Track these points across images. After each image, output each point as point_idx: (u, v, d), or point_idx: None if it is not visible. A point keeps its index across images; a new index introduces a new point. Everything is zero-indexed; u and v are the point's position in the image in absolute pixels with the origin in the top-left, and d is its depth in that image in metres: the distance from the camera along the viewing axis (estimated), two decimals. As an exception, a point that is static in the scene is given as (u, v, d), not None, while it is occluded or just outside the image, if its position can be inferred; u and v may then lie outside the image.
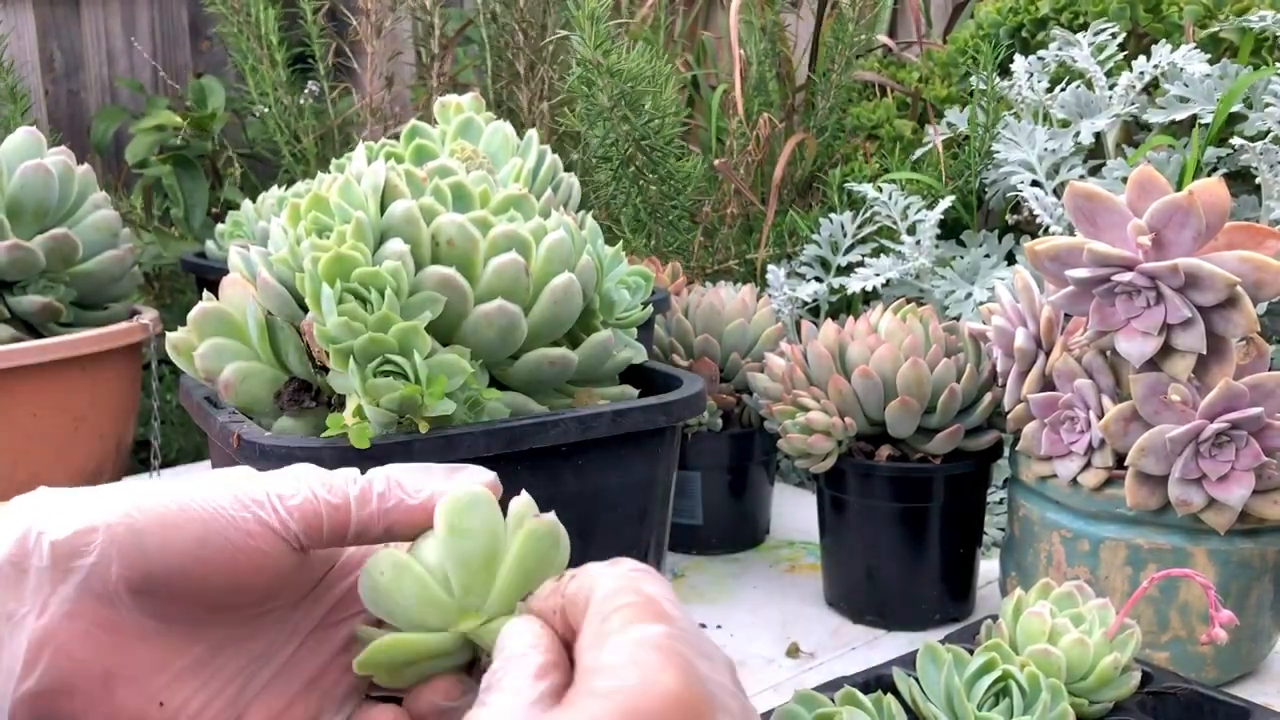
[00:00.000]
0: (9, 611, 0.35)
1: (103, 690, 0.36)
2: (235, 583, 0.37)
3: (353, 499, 0.38)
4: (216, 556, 0.36)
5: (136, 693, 0.37)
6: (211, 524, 0.36)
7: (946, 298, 1.12)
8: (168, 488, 0.37)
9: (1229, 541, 0.76)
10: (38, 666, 0.35)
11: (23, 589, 0.35)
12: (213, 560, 0.36)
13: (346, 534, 0.38)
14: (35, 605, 0.35)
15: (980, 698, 0.59)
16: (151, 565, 0.36)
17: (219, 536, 0.36)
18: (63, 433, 0.99)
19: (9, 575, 0.35)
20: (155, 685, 0.37)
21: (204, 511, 0.36)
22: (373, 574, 0.37)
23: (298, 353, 0.64)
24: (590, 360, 0.67)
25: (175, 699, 0.37)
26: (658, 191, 1.21)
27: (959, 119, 1.26)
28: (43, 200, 0.98)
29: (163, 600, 0.37)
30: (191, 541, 0.36)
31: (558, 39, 1.48)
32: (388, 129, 1.60)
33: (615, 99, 1.11)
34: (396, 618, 0.37)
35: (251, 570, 0.37)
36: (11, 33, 1.80)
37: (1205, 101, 1.03)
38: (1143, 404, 0.75)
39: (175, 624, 0.37)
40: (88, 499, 0.37)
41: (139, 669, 0.37)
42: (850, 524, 0.92)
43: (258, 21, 1.51)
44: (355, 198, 0.63)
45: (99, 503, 0.36)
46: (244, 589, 0.38)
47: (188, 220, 1.64)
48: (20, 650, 0.35)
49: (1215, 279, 0.70)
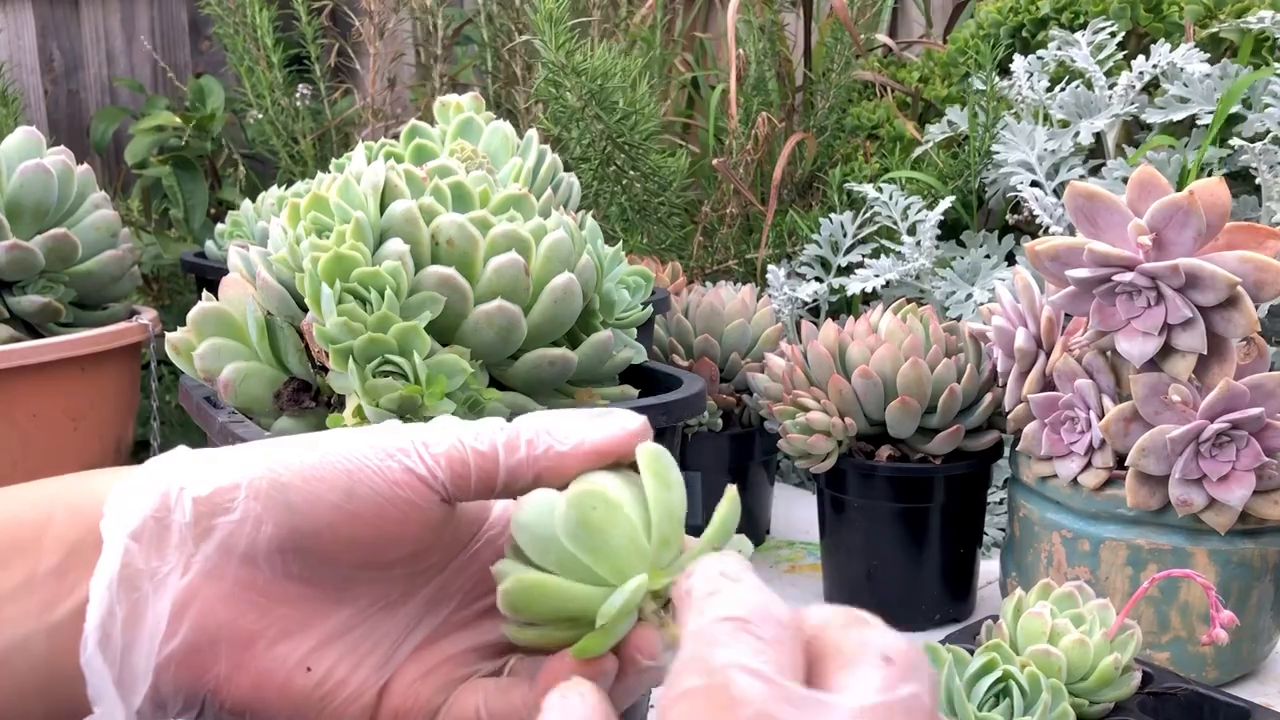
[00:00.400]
0: (152, 569, 0.34)
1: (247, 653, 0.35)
2: (382, 535, 0.35)
3: (500, 446, 0.36)
4: (363, 508, 0.35)
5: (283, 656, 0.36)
6: (357, 474, 0.35)
7: (946, 298, 1.12)
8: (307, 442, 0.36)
9: (1229, 542, 0.76)
10: (182, 626, 0.34)
11: (165, 546, 0.34)
12: (360, 512, 0.35)
13: (495, 483, 0.36)
14: (179, 563, 0.34)
15: (981, 698, 0.59)
16: (297, 520, 0.35)
17: (365, 487, 0.35)
18: (62, 433, 0.99)
19: (152, 531, 0.34)
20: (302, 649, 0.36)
21: (348, 462, 0.35)
22: (582, 508, 0.33)
23: (297, 353, 0.64)
24: (590, 360, 0.67)
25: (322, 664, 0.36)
26: (642, 189, 1.20)
27: (959, 118, 1.26)
28: (42, 200, 0.98)
29: (309, 558, 0.35)
30: (338, 493, 0.35)
31: (522, 41, 1.47)
32: (388, 129, 1.60)
33: (584, 99, 1.11)
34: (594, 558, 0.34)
35: (399, 521, 0.35)
36: (11, 33, 1.80)
37: (1205, 102, 1.03)
38: (1143, 404, 0.75)
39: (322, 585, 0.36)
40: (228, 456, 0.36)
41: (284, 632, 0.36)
42: (850, 524, 0.92)
43: (253, 23, 1.51)
44: (355, 198, 0.63)
45: (239, 460, 0.35)
46: (392, 542, 0.36)
47: (187, 220, 1.64)
48: (164, 610, 0.34)
49: (1216, 279, 0.70)
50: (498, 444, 0.36)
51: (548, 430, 0.36)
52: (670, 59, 1.53)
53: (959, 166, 1.23)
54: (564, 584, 0.34)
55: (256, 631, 0.35)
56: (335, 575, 0.36)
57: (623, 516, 0.34)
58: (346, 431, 0.37)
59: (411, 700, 0.37)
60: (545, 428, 0.36)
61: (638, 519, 0.34)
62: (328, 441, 0.36)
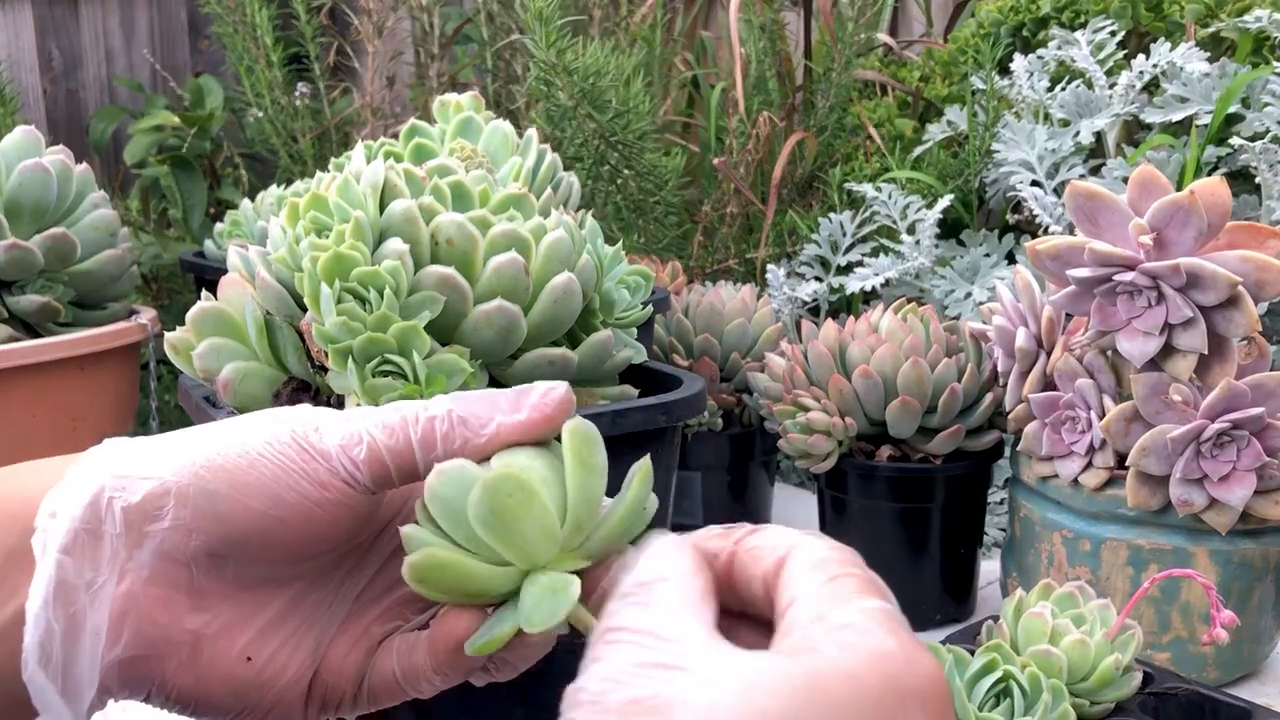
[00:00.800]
0: (88, 580, 0.35)
1: (190, 652, 0.36)
2: (311, 535, 0.36)
3: (416, 443, 0.36)
4: (291, 515, 0.36)
5: (223, 651, 0.37)
6: (283, 479, 0.35)
7: (946, 297, 1.12)
8: (233, 436, 0.36)
9: (1230, 542, 0.76)
10: (123, 634, 0.35)
11: (99, 557, 0.35)
12: (287, 519, 0.36)
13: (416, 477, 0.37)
14: (113, 573, 0.35)
15: (981, 698, 0.59)
16: (226, 528, 0.35)
17: (292, 492, 0.35)
18: (61, 432, 0.99)
19: (85, 543, 0.35)
20: (241, 641, 0.37)
21: (276, 467, 0.35)
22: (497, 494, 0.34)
23: (296, 352, 0.64)
24: (590, 360, 0.67)
25: (262, 653, 0.37)
26: (637, 188, 1.20)
27: (959, 118, 1.26)
28: (41, 200, 0.97)
29: (241, 560, 0.36)
30: (265, 500, 0.35)
31: (515, 40, 1.47)
32: (388, 128, 1.60)
33: (576, 98, 1.11)
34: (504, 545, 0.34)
35: (327, 522, 0.36)
36: (10, 32, 1.80)
37: (1204, 101, 1.03)
38: (1144, 404, 0.75)
39: (256, 581, 0.37)
40: (155, 453, 0.36)
41: (223, 627, 0.37)
42: (851, 524, 0.92)
43: (253, 22, 1.51)
44: (354, 197, 0.62)
45: (167, 458, 0.36)
46: (321, 539, 0.37)
47: (186, 220, 1.63)
48: (104, 619, 0.35)
49: (1217, 279, 0.70)
50: (413, 440, 0.36)
51: (463, 420, 0.36)
52: (670, 58, 1.53)
53: (959, 166, 1.23)
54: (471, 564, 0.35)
55: (196, 630, 0.36)
56: (268, 571, 0.37)
57: (537, 504, 0.34)
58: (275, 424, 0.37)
59: (340, 673, 0.39)
60: (461, 416, 0.37)
61: (553, 504, 0.35)
62: (253, 437, 0.36)
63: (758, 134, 1.28)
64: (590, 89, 1.10)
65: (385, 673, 0.38)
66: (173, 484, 0.35)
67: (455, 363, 0.60)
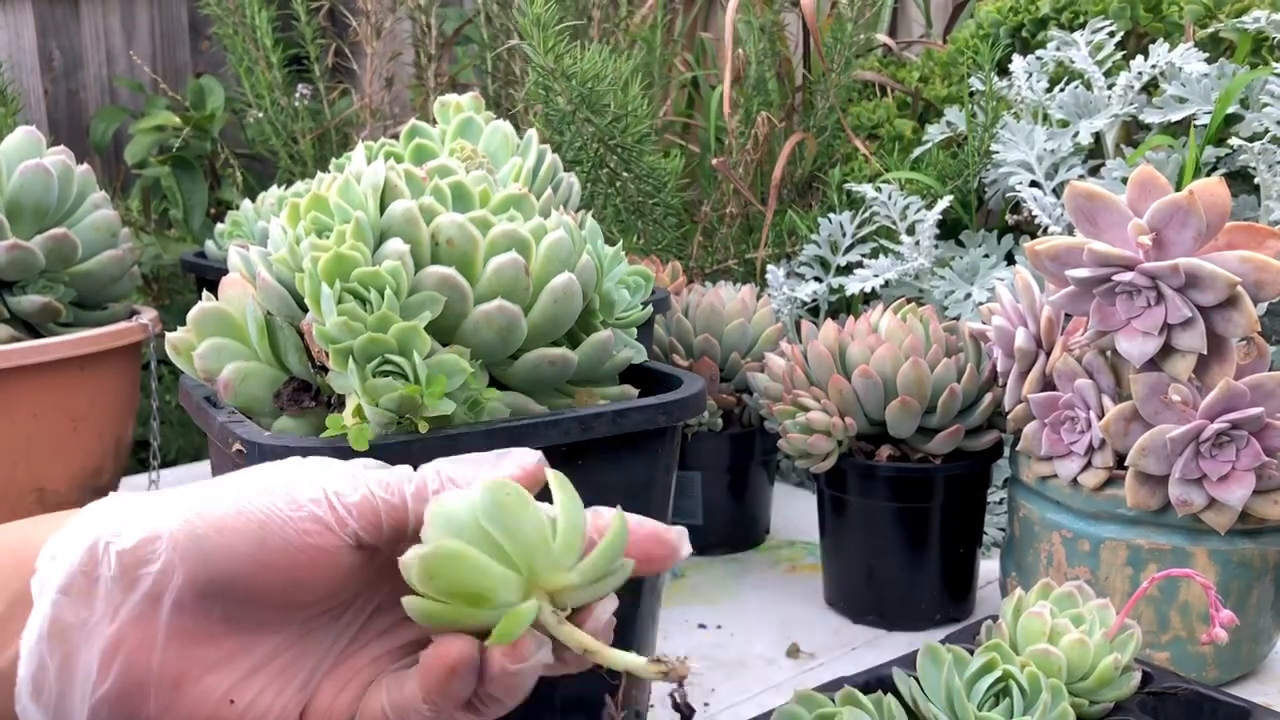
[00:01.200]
0: (82, 620, 0.36)
1: (174, 692, 0.37)
2: (296, 581, 0.38)
3: (409, 496, 0.38)
4: (275, 559, 0.37)
5: (207, 692, 0.38)
6: (269, 525, 0.37)
7: (946, 298, 1.12)
8: (228, 490, 0.38)
9: (1229, 541, 0.76)
10: (111, 671, 0.36)
11: (94, 598, 0.36)
12: (272, 562, 0.37)
13: (406, 531, 0.38)
14: (106, 613, 0.36)
15: (980, 698, 0.59)
16: (213, 571, 0.37)
17: (276, 538, 0.37)
18: (62, 433, 0.99)
19: (80, 585, 0.36)
20: (225, 684, 0.38)
21: (261, 514, 0.37)
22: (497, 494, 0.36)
23: (297, 353, 0.64)
24: (590, 360, 0.67)
25: (246, 695, 0.38)
26: (636, 190, 1.20)
27: (959, 118, 1.26)
28: (42, 200, 0.97)
29: (228, 603, 0.37)
30: (251, 544, 0.37)
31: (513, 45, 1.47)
32: (387, 129, 1.60)
33: (575, 102, 1.11)
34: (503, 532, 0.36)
35: (311, 568, 0.38)
36: (11, 32, 1.80)
37: (1203, 101, 1.03)
38: (1143, 404, 0.75)
39: (242, 625, 0.38)
40: (153, 507, 0.38)
41: (209, 669, 0.38)
42: (850, 524, 0.92)
43: (253, 23, 1.51)
44: (355, 197, 0.62)
45: (163, 510, 0.37)
46: (306, 587, 0.38)
47: (187, 220, 1.64)
48: (95, 657, 0.36)
49: (1216, 279, 0.70)
50: (406, 495, 0.38)
51: (450, 479, 0.39)
52: (670, 59, 1.53)
53: (958, 166, 1.23)
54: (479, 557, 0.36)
55: (182, 671, 0.37)
56: (255, 615, 0.38)
57: (532, 508, 0.36)
58: (270, 475, 0.39)
59: (326, 714, 0.39)
60: (449, 476, 0.39)
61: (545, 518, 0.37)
62: (248, 490, 0.38)
63: (757, 134, 1.28)
64: (589, 93, 1.10)
65: (374, 710, 0.39)
66: (164, 530, 0.37)
67: (455, 363, 0.60)
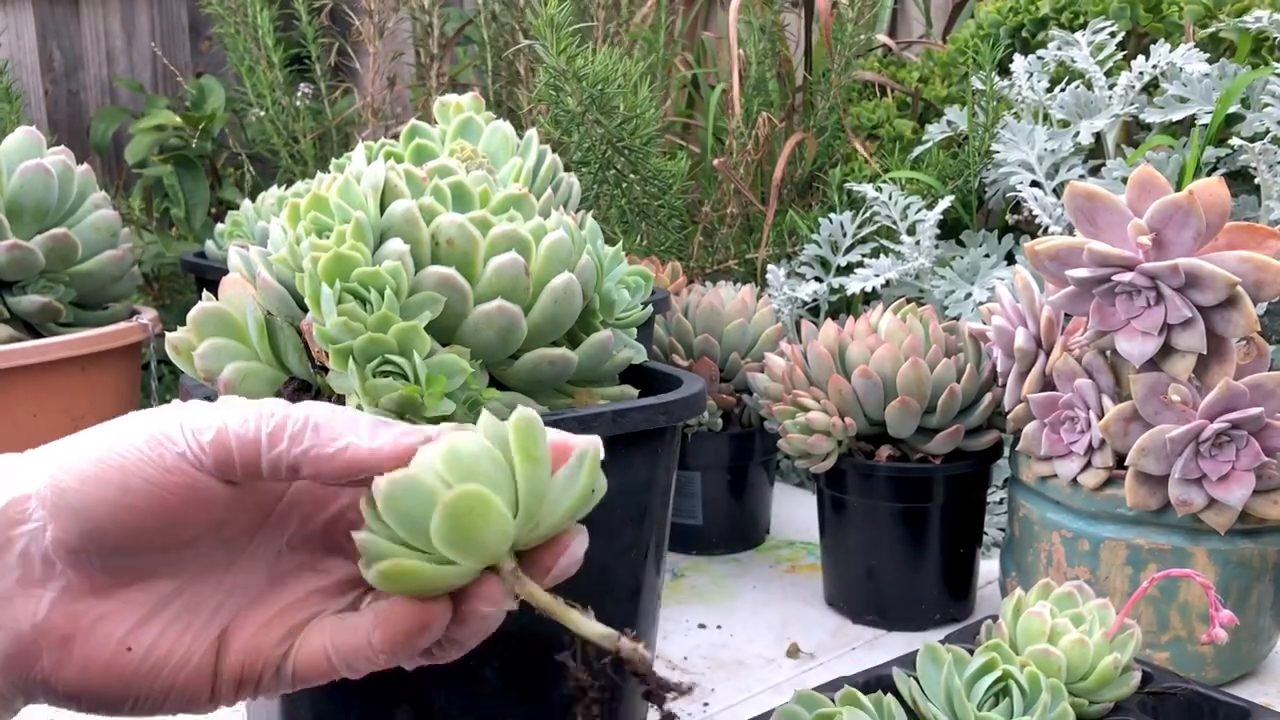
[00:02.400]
0: None
1: (66, 646, 0.37)
2: (170, 521, 0.38)
3: (265, 436, 0.37)
4: (141, 501, 0.37)
5: (102, 642, 0.38)
6: (129, 469, 0.37)
7: (946, 298, 1.12)
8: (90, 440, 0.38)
9: (1229, 541, 0.76)
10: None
11: None
12: (138, 505, 0.37)
13: (259, 470, 0.38)
14: None
15: (980, 698, 0.59)
16: (83, 523, 0.37)
17: (138, 479, 0.37)
18: (62, 432, 0.99)
19: None
20: (119, 632, 0.38)
21: (121, 458, 0.37)
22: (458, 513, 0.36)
23: (297, 353, 0.64)
24: (590, 360, 0.67)
25: (143, 640, 0.38)
26: (642, 192, 1.20)
27: (959, 118, 1.26)
28: (42, 200, 0.98)
29: (105, 553, 0.37)
30: (115, 490, 0.37)
31: (524, 46, 1.47)
32: (389, 129, 1.60)
33: (585, 104, 1.11)
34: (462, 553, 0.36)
35: (181, 506, 0.37)
36: (11, 33, 1.80)
37: (1204, 101, 1.03)
38: (1143, 404, 0.75)
39: (128, 572, 0.38)
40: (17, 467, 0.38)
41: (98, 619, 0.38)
42: (850, 524, 0.92)
43: (254, 22, 1.51)
44: (355, 197, 0.62)
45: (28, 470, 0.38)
46: (183, 525, 0.38)
47: (188, 220, 1.64)
48: None
49: (1216, 279, 0.70)
50: (262, 433, 0.37)
51: (315, 429, 0.38)
52: (671, 59, 1.53)
53: (959, 166, 1.23)
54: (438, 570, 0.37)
55: (71, 625, 0.37)
56: (138, 561, 0.38)
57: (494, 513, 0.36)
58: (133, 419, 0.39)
59: (254, 654, 0.39)
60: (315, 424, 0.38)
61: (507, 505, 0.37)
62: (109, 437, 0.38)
63: (757, 135, 1.28)
64: (599, 95, 1.10)
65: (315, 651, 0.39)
66: (33, 490, 0.37)
67: (455, 363, 0.60)
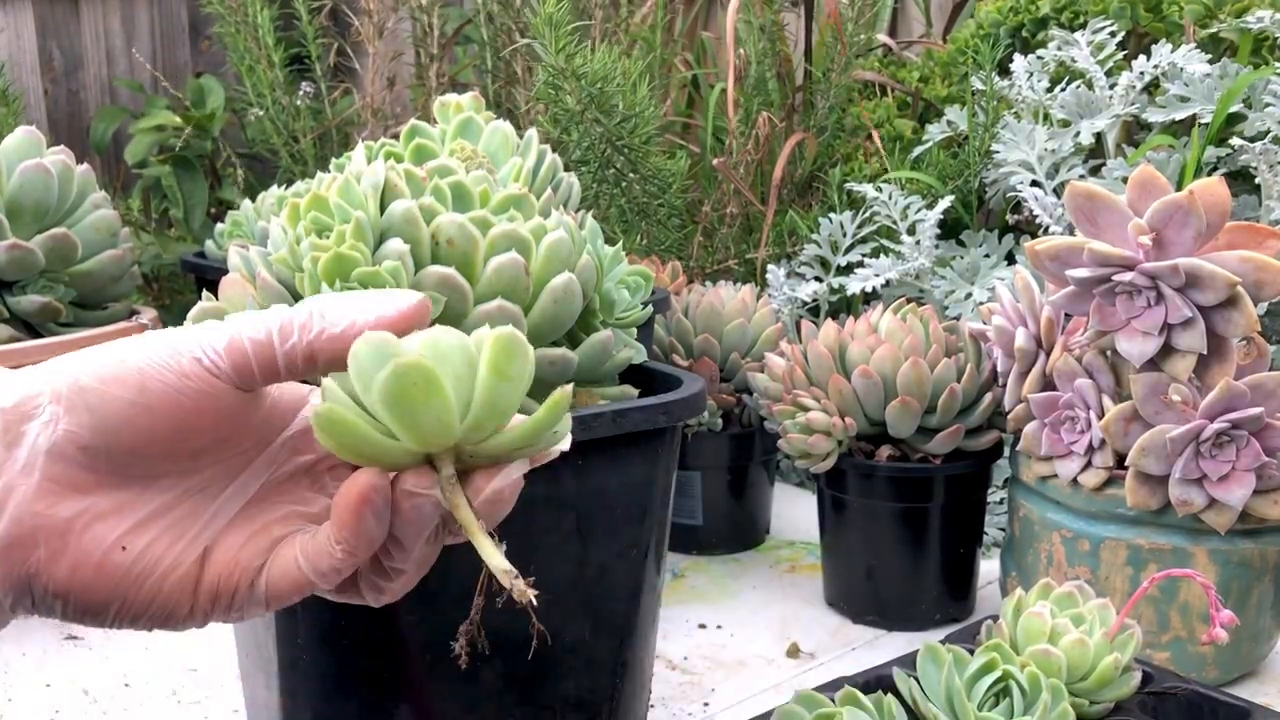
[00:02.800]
0: None
1: (63, 539, 0.38)
2: (182, 427, 0.38)
3: (275, 332, 0.38)
4: (158, 403, 0.38)
5: (98, 539, 0.38)
6: (149, 371, 0.38)
7: (946, 298, 1.12)
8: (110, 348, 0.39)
9: (1229, 541, 0.76)
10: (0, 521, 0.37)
11: None
12: (155, 406, 0.38)
13: (276, 367, 0.39)
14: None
15: (981, 698, 0.59)
16: (96, 419, 0.38)
17: (156, 382, 0.38)
18: (62, 433, 0.99)
19: None
20: (117, 531, 0.39)
21: (142, 362, 0.38)
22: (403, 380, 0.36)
23: (297, 353, 0.64)
24: (590, 360, 0.67)
25: (138, 543, 0.39)
26: (642, 191, 1.20)
27: (959, 118, 1.26)
28: (42, 200, 0.97)
29: (115, 452, 0.38)
30: (131, 390, 0.38)
31: (522, 45, 1.47)
32: (388, 129, 1.60)
33: (584, 103, 1.11)
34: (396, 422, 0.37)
35: (195, 412, 0.38)
36: (11, 32, 1.80)
37: (1205, 101, 1.03)
38: (1143, 404, 0.75)
39: (133, 475, 0.39)
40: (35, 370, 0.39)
41: (98, 517, 0.39)
42: (850, 524, 0.92)
43: (255, 22, 1.51)
44: (355, 197, 0.62)
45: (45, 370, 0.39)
46: (193, 432, 0.39)
47: (187, 220, 1.64)
48: None
49: (1216, 279, 0.70)
50: (273, 330, 0.39)
51: (321, 314, 0.39)
52: (670, 58, 1.53)
53: (959, 166, 1.23)
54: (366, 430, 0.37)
55: (70, 519, 0.38)
56: (145, 466, 0.39)
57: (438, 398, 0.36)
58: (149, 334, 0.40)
59: (233, 565, 0.40)
60: (320, 310, 0.39)
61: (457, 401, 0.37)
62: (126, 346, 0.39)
63: (757, 134, 1.28)
64: (598, 94, 1.10)
65: (286, 560, 0.40)
66: (46, 387, 0.38)
67: (455, 363, 0.60)
